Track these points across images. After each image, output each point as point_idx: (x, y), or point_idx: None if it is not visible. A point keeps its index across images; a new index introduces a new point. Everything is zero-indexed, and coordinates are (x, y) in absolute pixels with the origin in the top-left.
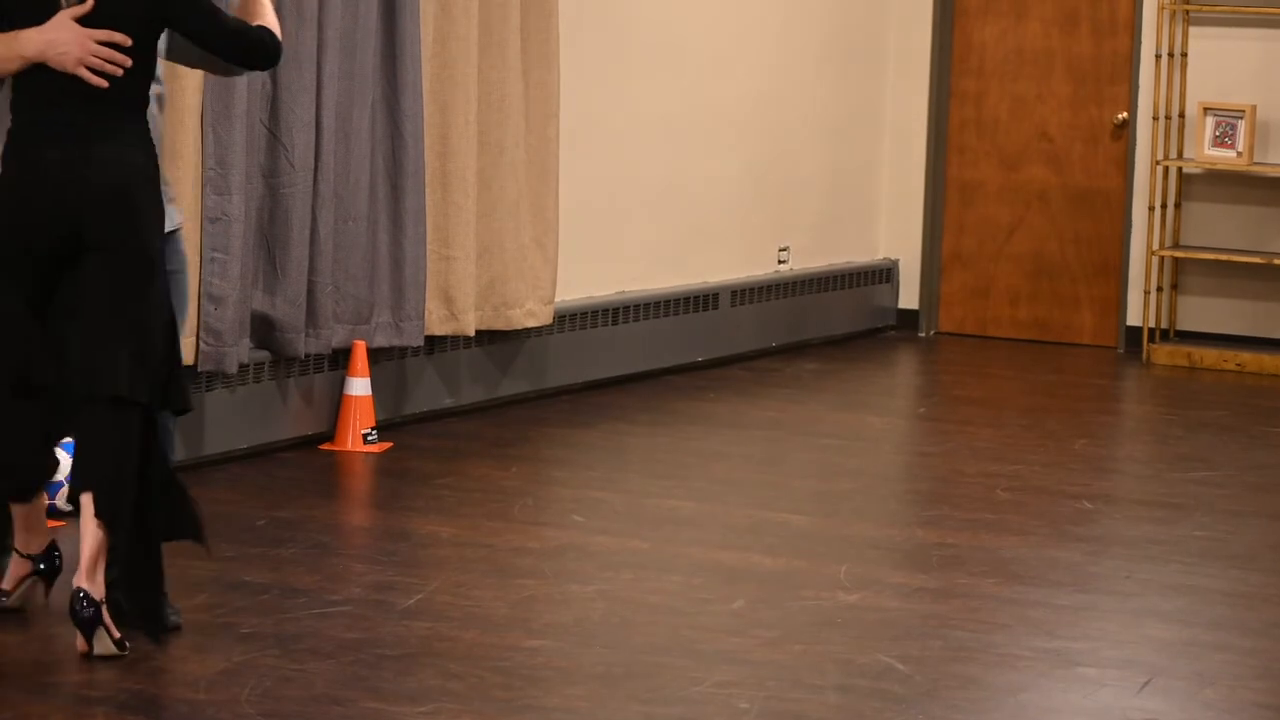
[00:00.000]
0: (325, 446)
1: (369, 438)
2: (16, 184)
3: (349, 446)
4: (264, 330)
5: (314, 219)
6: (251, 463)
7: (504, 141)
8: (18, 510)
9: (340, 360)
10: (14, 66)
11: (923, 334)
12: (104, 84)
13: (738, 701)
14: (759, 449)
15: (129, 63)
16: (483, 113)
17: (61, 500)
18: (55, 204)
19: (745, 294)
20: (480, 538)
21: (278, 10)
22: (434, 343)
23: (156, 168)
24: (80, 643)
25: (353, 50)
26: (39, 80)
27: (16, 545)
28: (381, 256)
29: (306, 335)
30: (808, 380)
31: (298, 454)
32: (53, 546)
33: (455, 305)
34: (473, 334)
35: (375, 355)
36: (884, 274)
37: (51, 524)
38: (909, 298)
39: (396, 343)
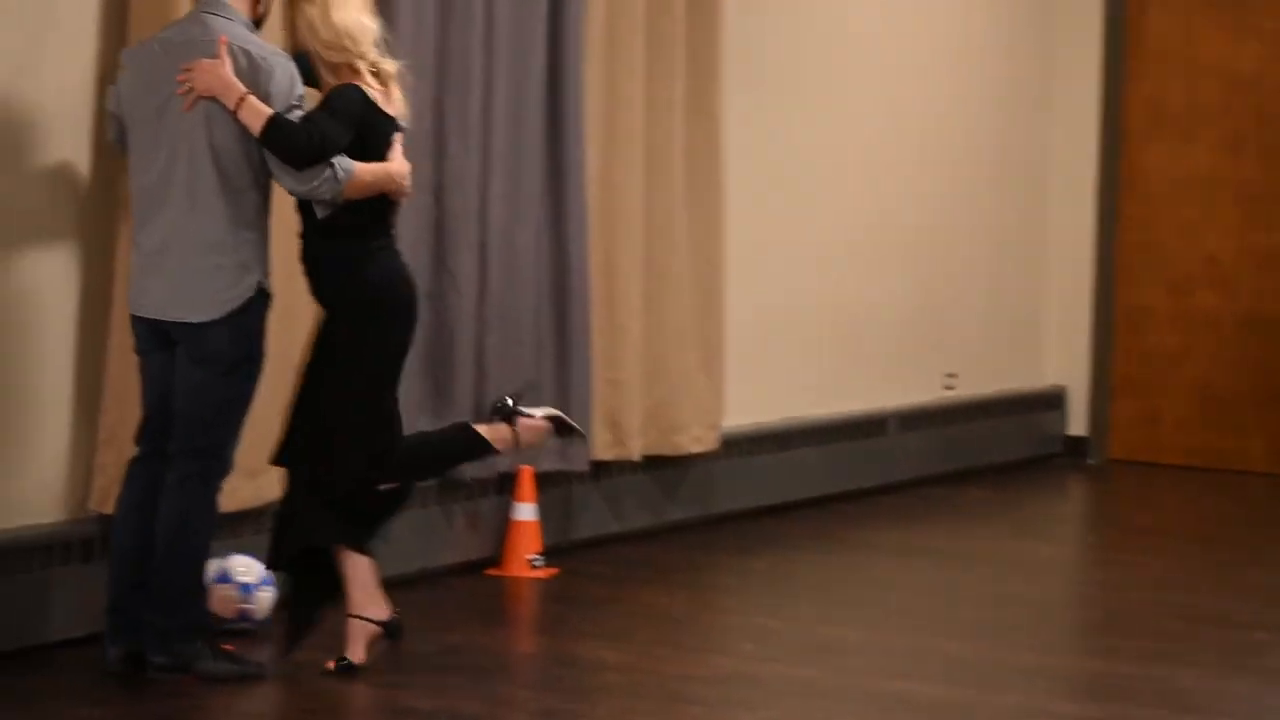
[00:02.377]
0: (491, 572)
1: (535, 563)
2: (409, 300)
3: (515, 572)
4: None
5: (479, 342)
6: (417, 587)
7: (669, 264)
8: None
9: (506, 485)
10: (378, 193)
11: (1091, 461)
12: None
13: None
14: (926, 577)
15: None
16: (648, 236)
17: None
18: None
19: (912, 420)
20: (647, 664)
21: (442, 137)
22: (600, 468)
23: None
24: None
25: (518, 174)
26: (383, 205)
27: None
28: (547, 380)
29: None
30: (975, 508)
31: (464, 579)
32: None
33: (621, 430)
34: (639, 459)
35: (542, 480)
36: (1052, 400)
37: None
38: (1077, 424)
39: (563, 468)
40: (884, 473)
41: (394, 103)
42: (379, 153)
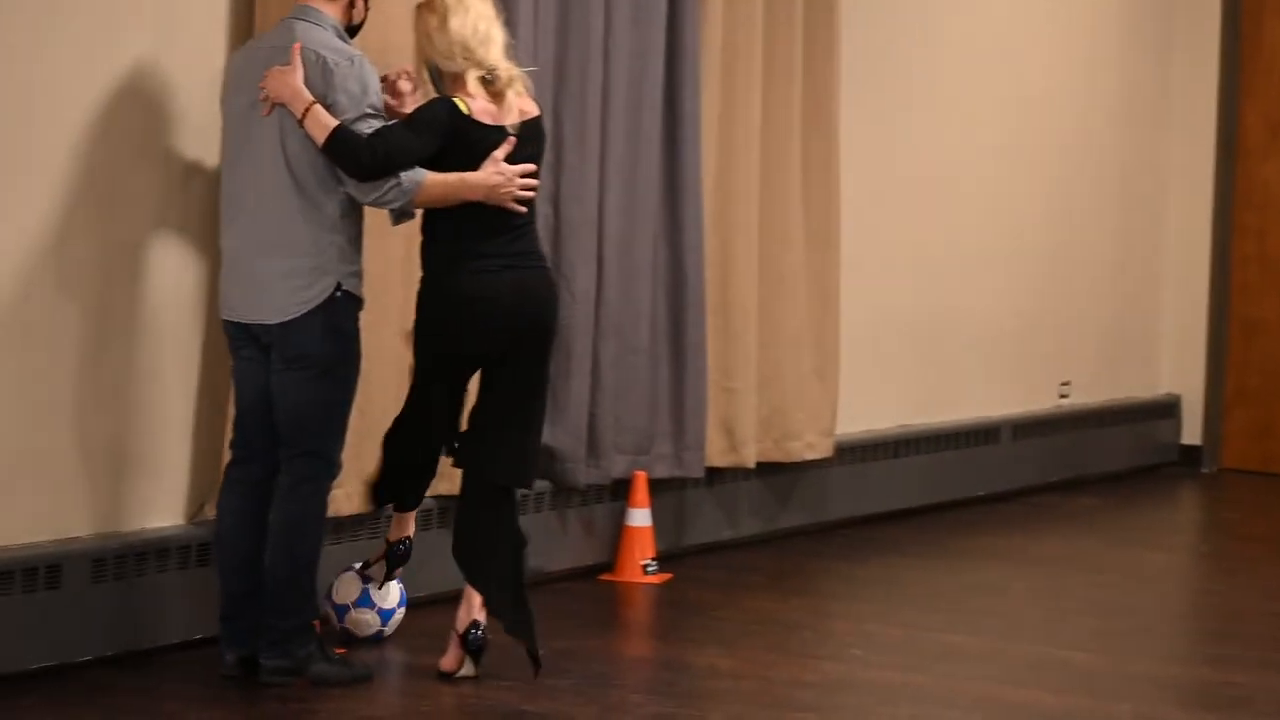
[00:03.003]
0: (605, 577)
1: (649, 568)
2: (471, 301)
3: (628, 577)
4: (545, 461)
5: (595, 351)
6: (531, 592)
7: (785, 273)
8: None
9: (620, 491)
10: (455, 203)
11: (1205, 470)
12: (524, 210)
13: None
14: (1039, 584)
15: (537, 186)
16: (764, 243)
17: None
18: (506, 319)
19: (1026, 429)
20: (758, 670)
21: (559, 147)
22: (714, 474)
23: None
24: (452, 663)
25: (635, 184)
26: (480, 213)
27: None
28: (662, 388)
29: (587, 466)
30: (1089, 516)
31: (577, 584)
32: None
33: (736, 437)
34: (753, 466)
35: (655, 486)
36: (1166, 409)
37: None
38: (1191, 433)
39: (677, 474)
40: (997, 481)
41: (508, 111)
42: (470, 163)
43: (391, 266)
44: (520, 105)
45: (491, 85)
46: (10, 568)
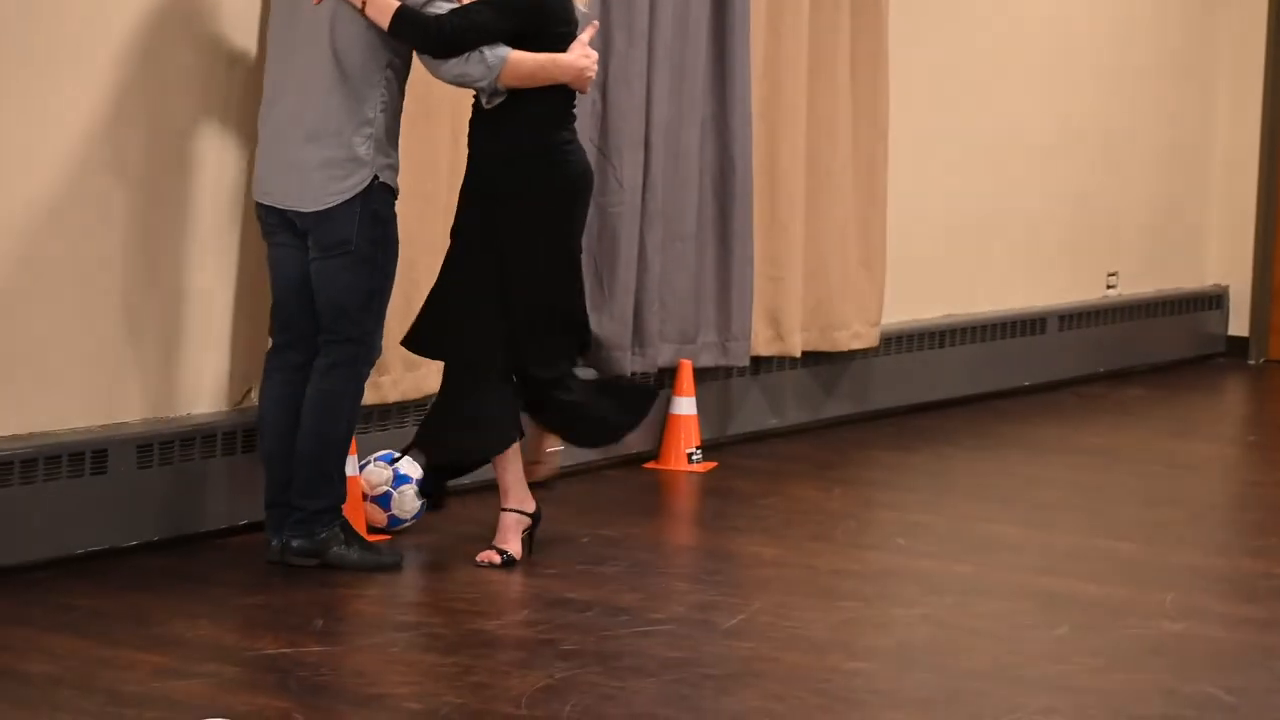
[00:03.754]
0: (650, 465)
1: (693, 457)
2: (584, 183)
3: (673, 466)
4: (592, 348)
5: (642, 238)
6: (577, 480)
7: (832, 163)
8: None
9: (666, 379)
10: (544, 84)
11: (1252, 361)
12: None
13: None
14: (1084, 475)
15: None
16: (811, 134)
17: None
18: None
19: (1073, 319)
20: (802, 559)
21: (607, 31)
22: (759, 363)
23: None
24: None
25: (682, 70)
26: (563, 97)
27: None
28: (708, 277)
29: (633, 353)
30: (1135, 407)
31: (622, 472)
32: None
33: (781, 326)
34: (799, 355)
35: (700, 375)
36: (1214, 301)
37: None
38: (1239, 325)
39: (722, 363)
40: (1043, 371)
41: None
42: (555, 44)
43: (439, 156)
44: None
45: None
46: (57, 452)
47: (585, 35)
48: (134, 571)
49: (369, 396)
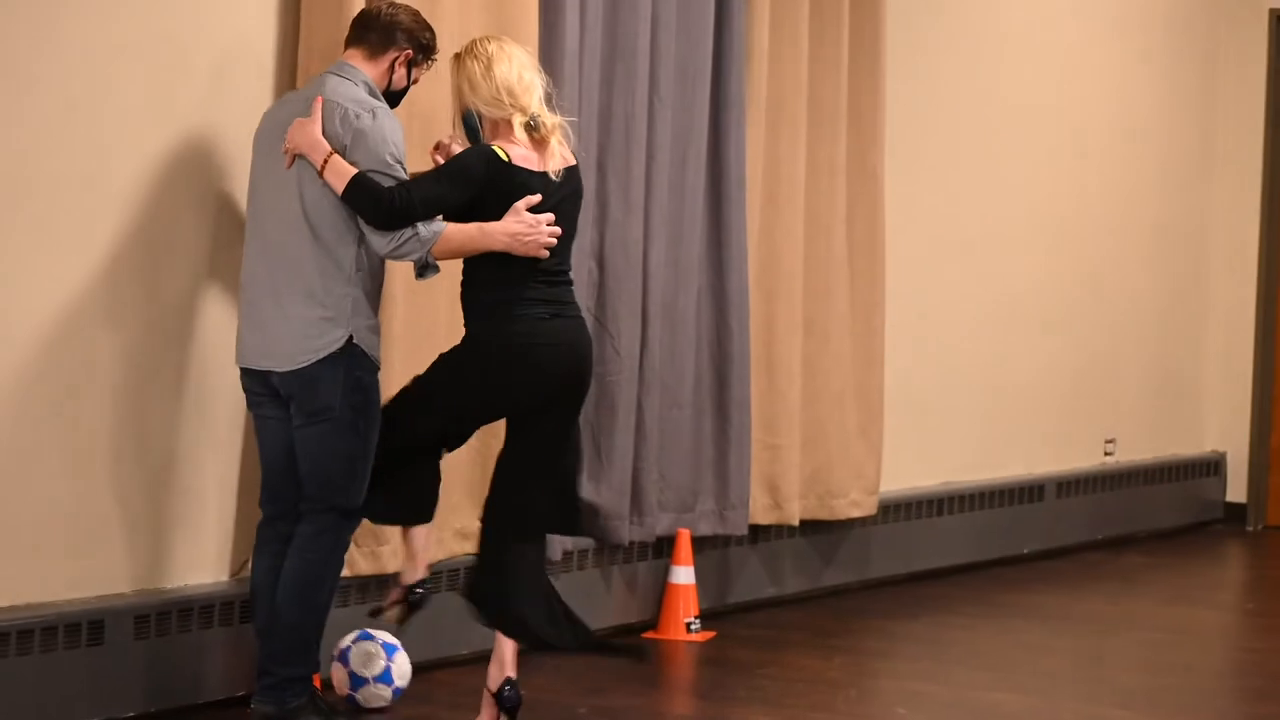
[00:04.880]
0: (648, 634)
1: (692, 627)
2: (525, 349)
3: (672, 635)
4: (589, 517)
5: (639, 406)
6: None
7: (829, 329)
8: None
9: (665, 548)
10: (478, 253)
11: (1250, 528)
12: (548, 256)
13: None
14: (1086, 643)
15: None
16: (808, 299)
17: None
18: (558, 367)
19: (1071, 486)
20: None
21: (604, 200)
22: (757, 531)
23: None
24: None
25: (679, 238)
26: (505, 261)
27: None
28: (706, 444)
29: (631, 523)
30: (1134, 573)
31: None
32: (425, 582)
33: (780, 494)
34: (797, 524)
35: (699, 543)
36: (1211, 467)
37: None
38: (1236, 491)
39: (720, 531)
40: (1042, 538)
41: (550, 158)
42: (503, 213)
43: (437, 312)
44: (562, 153)
45: (535, 132)
46: (53, 623)
47: (521, 203)
48: None
49: (366, 566)
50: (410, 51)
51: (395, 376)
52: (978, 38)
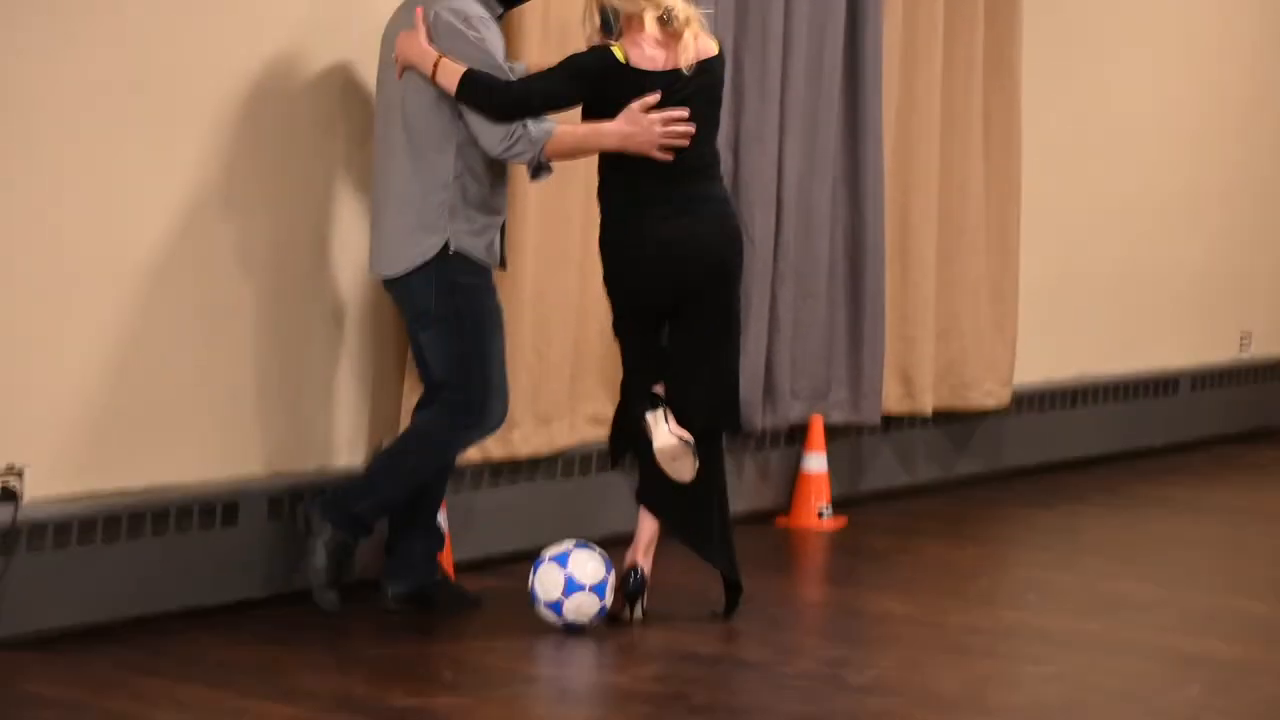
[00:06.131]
0: (780, 521)
1: (824, 514)
2: (637, 249)
3: (804, 522)
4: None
5: (773, 296)
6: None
7: (964, 222)
8: None
9: (797, 436)
10: (591, 153)
11: None
12: (670, 158)
13: None
14: (1218, 534)
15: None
16: (944, 193)
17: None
18: (673, 266)
19: (1205, 379)
20: (934, 616)
21: (739, 90)
22: (890, 421)
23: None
24: (617, 607)
25: (815, 128)
26: (640, 158)
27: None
28: (840, 334)
29: (764, 411)
30: (1268, 467)
31: (753, 528)
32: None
33: (913, 385)
34: (930, 414)
35: (831, 432)
36: None
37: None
38: None
39: (854, 420)
40: (1176, 431)
41: (683, 51)
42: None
43: (571, 208)
44: (698, 46)
45: (668, 25)
46: (189, 504)
47: (637, 104)
48: (263, 623)
49: (498, 452)
50: None
51: (529, 279)
52: None
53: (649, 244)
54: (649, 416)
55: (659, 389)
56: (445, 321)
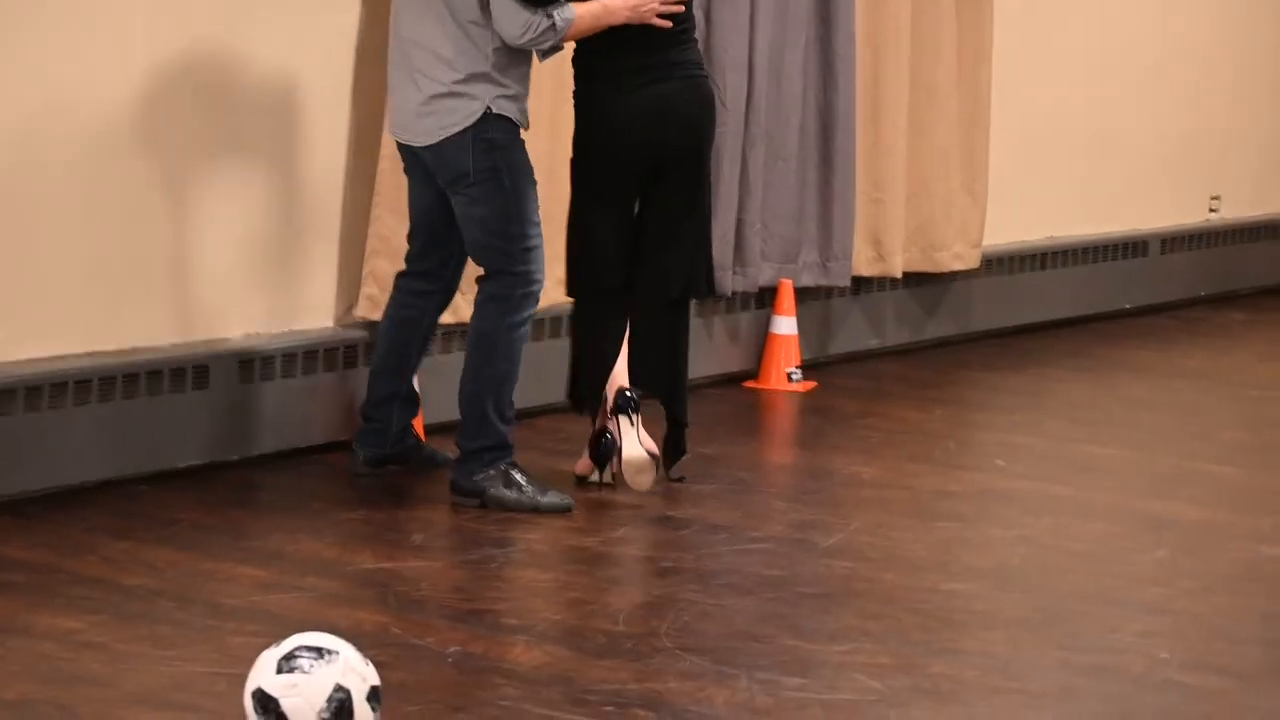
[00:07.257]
0: (749, 384)
1: (793, 376)
2: (613, 115)
3: (773, 385)
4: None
5: (744, 158)
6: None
7: (936, 84)
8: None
9: (767, 299)
10: (603, 29)
11: None
12: (669, 25)
13: (1158, 651)
14: (1185, 398)
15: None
16: (915, 55)
17: None
18: (650, 133)
19: (1175, 242)
20: (901, 479)
21: None
22: (860, 283)
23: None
24: (583, 467)
25: None
26: (613, 36)
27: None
28: (810, 196)
29: (734, 273)
30: (1237, 330)
31: (722, 391)
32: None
33: (883, 247)
34: (900, 276)
35: (801, 295)
36: None
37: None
38: None
39: (823, 282)
40: (1145, 294)
41: None
42: None
43: (539, 75)
44: None
45: None
46: (159, 367)
47: None
48: (235, 486)
49: (469, 312)
50: None
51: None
52: None
53: (633, 109)
54: (620, 419)
55: (625, 382)
56: (484, 184)
